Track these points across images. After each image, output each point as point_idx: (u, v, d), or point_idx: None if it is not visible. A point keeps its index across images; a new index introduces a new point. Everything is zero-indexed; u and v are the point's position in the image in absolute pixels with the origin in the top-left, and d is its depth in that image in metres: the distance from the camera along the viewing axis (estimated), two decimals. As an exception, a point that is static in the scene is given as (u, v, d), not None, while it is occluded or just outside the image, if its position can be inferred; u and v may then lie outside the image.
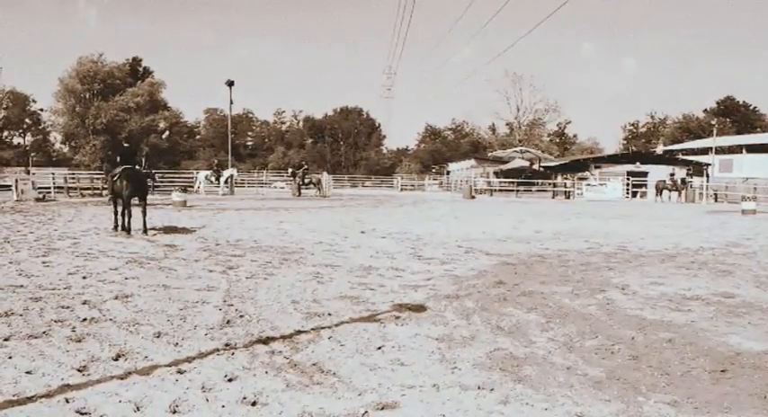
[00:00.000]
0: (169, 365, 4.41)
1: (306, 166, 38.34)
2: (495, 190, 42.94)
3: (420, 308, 6.38)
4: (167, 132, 56.35)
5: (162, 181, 37.03)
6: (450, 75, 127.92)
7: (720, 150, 53.12)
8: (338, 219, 17.97)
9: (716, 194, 41.35)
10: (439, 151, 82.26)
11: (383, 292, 7.21)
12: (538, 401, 3.87)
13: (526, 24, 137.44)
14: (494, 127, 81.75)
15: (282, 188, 44.91)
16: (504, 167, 46.40)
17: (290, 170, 39.10)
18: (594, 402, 3.88)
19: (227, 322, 5.66)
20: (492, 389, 4.06)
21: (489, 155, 56.48)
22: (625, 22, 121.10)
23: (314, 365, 4.50)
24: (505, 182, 43.45)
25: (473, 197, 36.72)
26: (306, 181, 36.08)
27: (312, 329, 5.47)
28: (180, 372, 4.28)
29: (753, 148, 52.60)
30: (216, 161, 39.19)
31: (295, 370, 4.38)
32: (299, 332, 5.38)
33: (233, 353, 4.73)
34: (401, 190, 52.02)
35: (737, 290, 7.65)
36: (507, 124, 78.49)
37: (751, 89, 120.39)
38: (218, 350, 4.80)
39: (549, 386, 4.12)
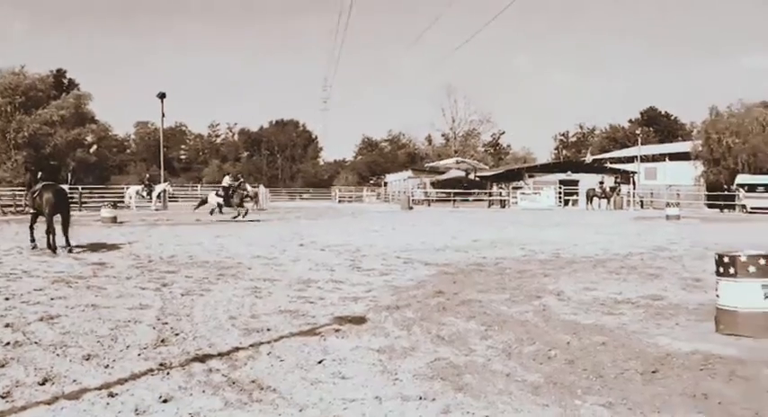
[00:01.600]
0: (99, 388, 4.22)
1: (242, 179, 37.75)
2: (433, 201, 43.45)
3: (360, 320, 6.35)
4: (95, 146, 54.47)
5: (91, 197, 35.73)
6: (386, 87, 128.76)
7: (645, 158, 55.38)
8: (276, 232, 17.76)
9: (642, 201, 43.09)
10: (376, 162, 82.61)
11: (323, 305, 7.14)
12: (479, 408, 3.90)
13: (461, 37, 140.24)
14: (430, 138, 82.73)
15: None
16: (440, 178, 47.04)
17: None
18: (533, 407, 3.93)
19: (162, 341, 5.48)
20: (433, 399, 4.07)
21: (426, 165, 57.06)
22: (556, 34, 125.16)
23: (253, 382, 4.40)
24: (442, 193, 44.04)
25: (411, 208, 37.00)
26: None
27: (251, 345, 5.36)
28: (111, 395, 4.10)
29: (675, 156, 55.07)
30: (147, 175, 38.08)
31: (233, 388, 4.27)
32: (238, 348, 5.26)
33: (168, 373, 4.57)
34: (339, 201, 51.92)
35: (665, 293, 7.95)
36: (443, 135, 79.58)
37: (672, 100, 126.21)
38: (151, 370, 4.63)
39: (489, 394, 4.16)
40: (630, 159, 55.77)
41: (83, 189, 36.62)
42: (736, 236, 16.86)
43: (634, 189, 42.96)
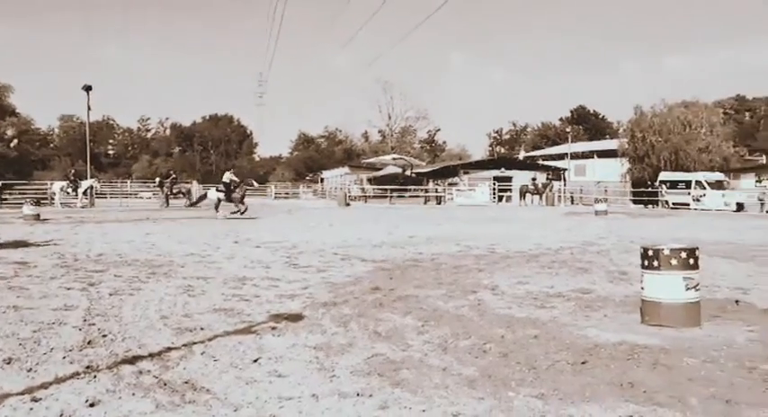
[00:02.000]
0: (22, 393, 4.02)
1: (174, 175, 36.83)
2: (370, 197, 43.55)
3: (297, 317, 6.29)
4: (16, 140, 51.94)
5: (11, 194, 34.06)
6: (323, 83, 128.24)
7: (575, 156, 57.14)
8: (210, 229, 17.40)
9: (572, 197, 44.49)
10: (313, 158, 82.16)
11: (258, 303, 7.04)
12: (415, 403, 3.92)
13: (398, 34, 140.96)
14: (366, 134, 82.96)
15: (149, 198, 42.85)
16: (377, 174, 47.21)
17: (157, 179, 37.37)
18: (469, 400, 3.99)
19: (89, 342, 5.26)
20: (371, 395, 4.07)
21: (363, 162, 57.18)
22: (490, 33, 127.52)
23: (186, 383, 4.29)
24: (379, 189, 44.18)
25: (348, 204, 36.98)
26: (174, 190, 34.63)
27: (183, 345, 5.22)
28: (35, 400, 3.91)
29: (603, 154, 56.99)
30: (73, 171, 36.52)
31: (165, 390, 4.15)
32: (170, 348, 5.11)
33: (95, 376, 4.39)
34: (275, 198, 51.34)
35: (594, 286, 8.21)
36: (380, 131, 79.92)
37: (601, 99, 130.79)
38: (77, 373, 4.45)
39: (426, 388, 4.19)
40: (561, 156, 57.43)
41: (3, 185, 34.87)
42: (659, 231, 17.62)
43: (565, 185, 44.33)
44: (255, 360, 4.82)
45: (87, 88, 36.03)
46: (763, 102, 77.91)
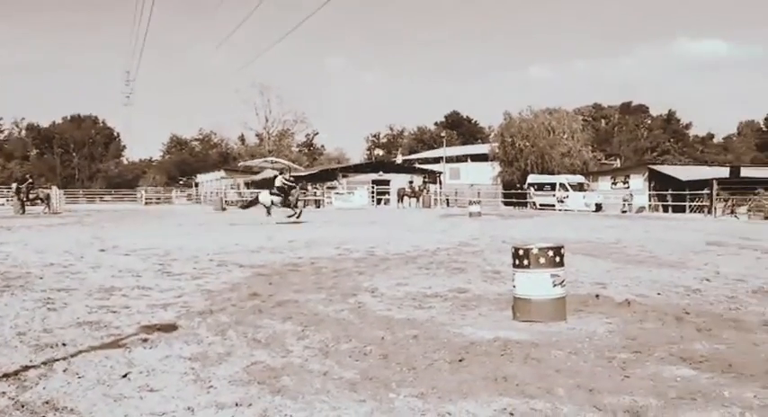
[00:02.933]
0: None
1: (31, 180, 34.12)
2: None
3: (171, 328, 6.01)
4: None
5: None
6: (197, 84, 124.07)
7: (450, 159, 59.24)
8: (73, 237, 16.27)
9: (448, 199, 46.01)
10: (186, 162, 79.23)
11: (128, 314, 6.65)
12: (296, 410, 3.86)
13: (275, 35, 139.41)
14: (243, 137, 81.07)
15: (2, 205, 39.46)
16: (255, 178, 46.33)
17: (13, 185, 34.46)
18: (350, 403, 3.98)
19: (-70, 365, 4.73)
20: (250, 404, 3.96)
21: (240, 165, 55.84)
22: (368, 38, 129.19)
23: (46, 403, 3.96)
24: (257, 193, 43.34)
25: (224, 209, 36.01)
26: (31, 196, 32.10)
27: (43, 363, 4.82)
28: None
29: (476, 157, 59.52)
30: None
31: (23, 411, 3.80)
32: (27, 367, 4.70)
33: (-62, 403, 3.96)
34: (146, 203, 49.00)
35: (469, 285, 8.50)
36: (257, 135, 78.38)
37: (473, 104, 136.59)
38: None
39: (306, 394, 4.14)
40: (437, 160, 59.30)
41: None
42: (528, 231, 18.61)
43: (440, 188, 45.75)
44: (125, 375, 4.54)
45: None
46: (617, 110, 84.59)
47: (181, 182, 71.75)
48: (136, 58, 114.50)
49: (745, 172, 37.62)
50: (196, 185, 62.62)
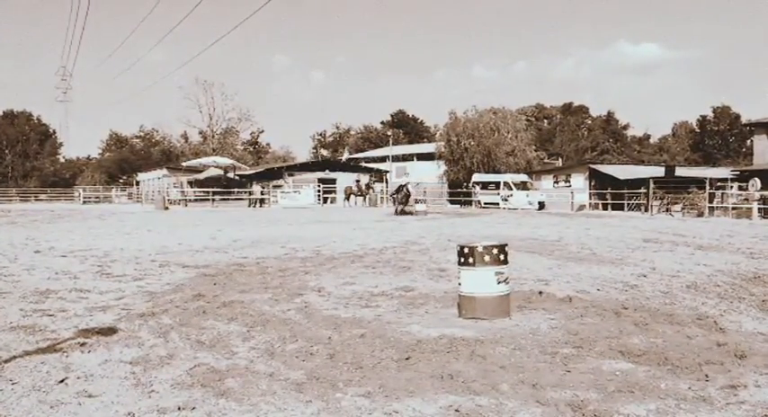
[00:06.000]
0: None
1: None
2: (191, 200, 41.80)
3: (110, 331, 5.83)
4: None
5: None
6: (136, 80, 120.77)
7: (396, 158, 59.43)
8: (5, 238, 15.62)
9: (394, 198, 46.10)
10: (127, 160, 76.98)
11: (65, 317, 6.42)
12: (241, 413, 3.80)
13: (220, 32, 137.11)
14: (186, 135, 79.36)
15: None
16: (198, 176, 45.40)
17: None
18: (297, 404, 3.95)
19: None
20: (193, 408, 3.88)
21: (183, 164, 54.65)
22: (313, 36, 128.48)
23: (-24, 413, 3.79)
24: (201, 192, 42.56)
25: (167, 208, 35.23)
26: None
27: (-27, 370, 4.61)
28: None
29: (422, 156, 59.83)
30: None
31: (-51, 423, 3.63)
32: (-45, 375, 4.48)
33: None
34: (84, 202, 47.47)
35: (415, 284, 8.55)
36: (200, 132, 76.86)
37: (419, 103, 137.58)
38: None
39: (252, 396, 4.08)
40: (383, 159, 59.42)
41: None
42: (473, 229, 18.85)
43: (387, 187, 45.83)
44: (62, 381, 4.38)
45: None
46: (558, 111, 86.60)
47: (121, 181, 69.78)
48: (72, 53, 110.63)
49: (680, 171, 39.08)
50: (137, 184, 60.97)
